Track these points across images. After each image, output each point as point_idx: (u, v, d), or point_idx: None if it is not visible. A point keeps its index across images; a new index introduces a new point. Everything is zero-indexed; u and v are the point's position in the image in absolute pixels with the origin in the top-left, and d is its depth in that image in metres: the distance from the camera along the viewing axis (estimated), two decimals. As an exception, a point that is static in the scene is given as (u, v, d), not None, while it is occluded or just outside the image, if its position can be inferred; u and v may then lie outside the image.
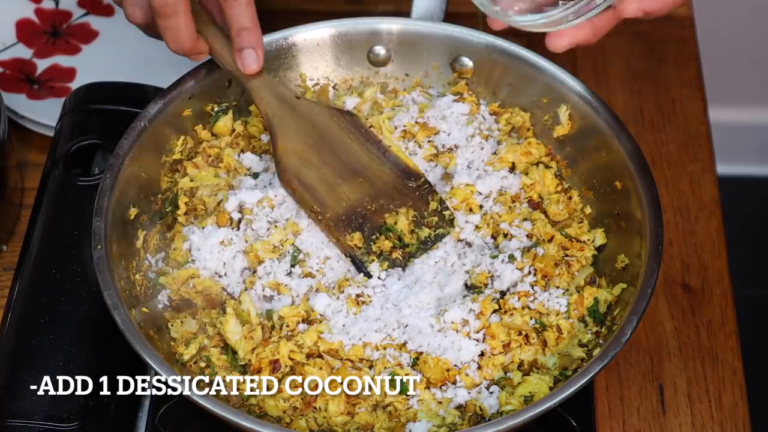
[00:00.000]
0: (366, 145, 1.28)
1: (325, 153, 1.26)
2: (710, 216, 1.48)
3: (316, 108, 1.28)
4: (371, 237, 1.25)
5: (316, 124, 1.27)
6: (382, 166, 1.28)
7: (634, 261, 1.22)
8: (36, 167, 1.50)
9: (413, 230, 1.26)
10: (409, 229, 1.26)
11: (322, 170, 1.26)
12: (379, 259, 1.24)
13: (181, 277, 1.24)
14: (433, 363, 1.18)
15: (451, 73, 1.38)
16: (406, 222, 1.26)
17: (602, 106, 1.29)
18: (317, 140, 1.27)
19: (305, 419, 1.17)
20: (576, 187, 1.32)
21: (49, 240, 1.33)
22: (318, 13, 1.62)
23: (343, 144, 1.27)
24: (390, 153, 1.29)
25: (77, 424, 1.21)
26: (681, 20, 1.68)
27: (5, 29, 1.63)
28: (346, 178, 1.26)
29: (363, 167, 1.27)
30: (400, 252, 1.25)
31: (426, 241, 1.26)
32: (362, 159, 1.27)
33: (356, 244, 1.24)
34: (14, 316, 1.29)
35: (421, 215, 1.27)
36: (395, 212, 1.26)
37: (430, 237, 1.26)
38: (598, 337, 1.21)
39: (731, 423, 1.32)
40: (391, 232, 1.25)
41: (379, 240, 1.25)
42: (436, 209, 1.27)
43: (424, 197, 1.28)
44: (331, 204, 1.25)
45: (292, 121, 1.26)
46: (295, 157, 1.25)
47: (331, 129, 1.27)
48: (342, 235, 1.25)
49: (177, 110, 1.31)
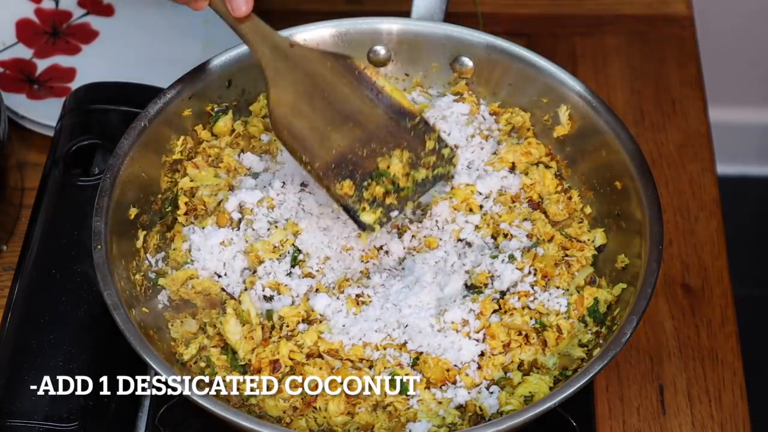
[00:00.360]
0: (359, 89, 1.25)
1: (316, 101, 1.24)
2: (710, 216, 1.48)
3: (310, 54, 1.25)
4: (362, 184, 1.22)
5: (309, 71, 1.25)
6: (374, 109, 1.24)
7: (634, 261, 1.22)
8: (36, 167, 1.50)
9: (408, 173, 1.23)
10: (404, 171, 1.23)
11: (312, 119, 1.23)
12: (371, 207, 1.22)
13: (179, 278, 1.24)
14: (433, 363, 1.18)
15: (451, 73, 1.38)
16: (400, 165, 1.23)
17: (602, 106, 1.29)
18: (309, 88, 1.24)
19: (305, 419, 1.17)
20: (576, 187, 1.32)
21: (49, 240, 1.33)
22: (318, 13, 1.62)
23: (336, 90, 1.24)
24: (383, 94, 1.25)
25: (77, 424, 1.21)
26: (681, 20, 1.68)
27: (5, 29, 1.63)
28: (337, 124, 1.23)
29: (355, 111, 1.24)
30: (394, 196, 1.23)
31: (424, 183, 1.24)
32: (354, 103, 1.24)
33: (347, 192, 1.22)
34: (14, 316, 1.29)
35: (417, 156, 1.24)
36: (389, 155, 1.23)
37: (428, 178, 1.24)
38: (598, 337, 1.21)
39: (731, 423, 1.32)
40: (384, 176, 1.22)
41: (371, 186, 1.22)
42: (433, 148, 1.25)
43: (420, 137, 1.25)
44: (321, 153, 1.22)
45: (285, 70, 1.24)
46: (286, 107, 1.23)
47: (324, 75, 1.25)
48: (332, 184, 1.22)
49: (177, 110, 1.31)
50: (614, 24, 1.68)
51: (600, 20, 1.68)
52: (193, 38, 1.62)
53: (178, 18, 1.64)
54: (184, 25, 1.64)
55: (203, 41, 1.61)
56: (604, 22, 1.68)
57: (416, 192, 1.23)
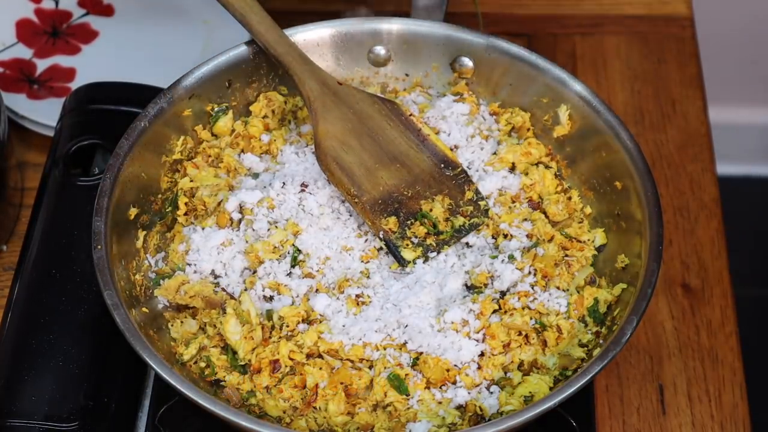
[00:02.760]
0: (405, 133, 1.29)
1: (364, 138, 1.28)
2: (710, 216, 1.48)
3: (358, 95, 1.30)
4: (406, 222, 1.26)
5: (357, 110, 1.29)
6: (420, 154, 1.28)
7: (634, 261, 1.22)
8: (36, 167, 1.50)
9: (448, 218, 1.27)
10: (444, 216, 1.26)
11: (361, 155, 1.27)
12: (413, 245, 1.25)
13: (172, 286, 1.24)
14: (433, 363, 1.18)
15: (451, 73, 1.38)
16: (441, 209, 1.26)
17: (602, 106, 1.29)
18: (357, 126, 1.28)
19: (305, 419, 1.17)
20: (576, 187, 1.32)
21: (49, 240, 1.33)
22: (318, 13, 1.62)
23: (383, 131, 1.29)
24: (429, 141, 1.29)
25: (77, 424, 1.21)
26: (681, 20, 1.68)
27: (5, 29, 1.63)
28: (385, 163, 1.27)
29: (401, 154, 1.28)
30: (434, 239, 1.26)
31: (460, 230, 1.27)
32: (401, 146, 1.28)
33: (391, 228, 1.25)
34: (14, 316, 1.29)
35: (457, 204, 1.27)
36: (431, 199, 1.27)
37: (465, 226, 1.27)
38: (598, 337, 1.21)
39: (731, 423, 1.32)
40: (426, 218, 1.26)
41: (414, 226, 1.26)
42: (471, 198, 1.28)
43: (461, 186, 1.28)
44: (369, 188, 1.26)
45: (334, 106, 1.28)
46: (334, 140, 1.27)
47: (372, 116, 1.29)
48: (377, 218, 1.25)
49: (177, 110, 1.31)
50: (614, 24, 1.68)
51: (600, 20, 1.68)
52: (193, 38, 1.62)
53: (178, 18, 1.64)
54: (184, 25, 1.64)
55: (203, 41, 1.61)
56: (604, 22, 1.68)
57: (453, 237, 1.26)
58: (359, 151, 1.27)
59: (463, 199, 1.28)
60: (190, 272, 1.25)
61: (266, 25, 1.29)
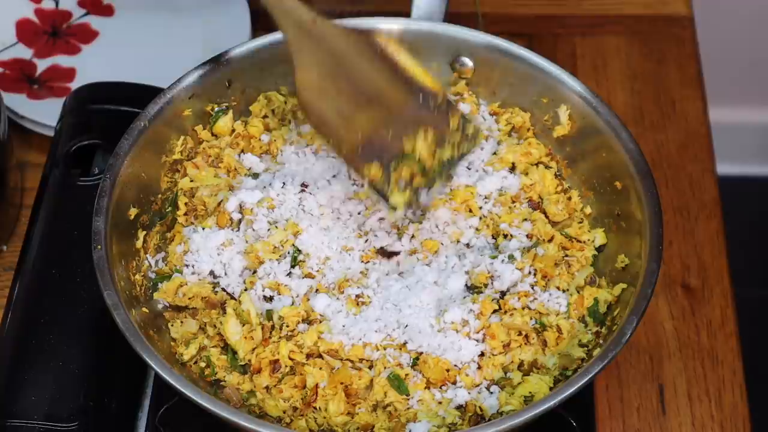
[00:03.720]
0: (380, 68, 1.24)
1: (340, 81, 1.23)
2: (710, 216, 1.48)
3: (333, 30, 1.24)
4: (389, 166, 1.22)
5: (332, 49, 1.23)
6: (396, 89, 1.24)
7: (634, 261, 1.22)
8: (36, 167, 1.50)
9: (434, 152, 1.23)
10: (429, 151, 1.23)
11: (337, 100, 1.23)
12: (400, 188, 1.22)
13: (170, 289, 1.24)
14: (433, 363, 1.18)
15: (451, 73, 1.38)
16: (425, 145, 1.23)
17: (602, 106, 1.29)
18: (333, 68, 1.23)
19: (305, 419, 1.17)
20: (576, 187, 1.32)
21: (49, 240, 1.33)
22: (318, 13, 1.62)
23: (358, 69, 1.24)
24: (404, 73, 1.24)
25: (77, 424, 1.21)
26: (681, 20, 1.68)
27: (5, 29, 1.63)
28: (361, 105, 1.23)
29: (378, 92, 1.23)
30: (421, 178, 1.23)
31: (450, 161, 1.24)
32: (377, 82, 1.23)
33: (375, 174, 1.22)
34: (14, 316, 1.29)
35: (442, 134, 1.24)
36: (413, 136, 1.23)
37: (454, 156, 1.24)
38: (598, 337, 1.21)
39: (731, 423, 1.32)
40: (410, 158, 1.22)
41: (399, 168, 1.23)
42: (457, 127, 1.24)
43: (444, 115, 1.24)
44: (348, 137, 1.23)
45: (309, 49, 1.23)
46: (312, 89, 1.23)
47: (347, 53, 1.24)
48: (360, 167, 1.22)
49: (177, 110, 1.31)
50: (614, 24, 1.68)
51: (600, 20, 1.69)
52: (193, 38, 1.62)
53: (178, 18, 1.64)
54: (184, 25, 1.64)
55: (203, 41, 1.61)
56: (604, 22, 1.68)
57: (443, 171, 1.23)
58: (335, 96, 1.22)
59: (448, 129, 1.24)
60: (187, 273, 1.25)
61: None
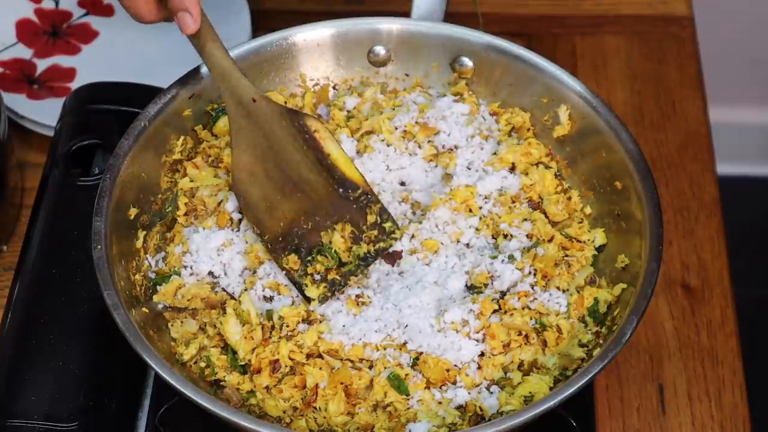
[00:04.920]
0: (307, 153, 1.24)
1: (270, 165, 1.24)
2: (710, 216, 1.48)
3: (268, 110, 1.24)
4: (307, 258, 1.23)
5: (267, 131, 1.24)
6: (319, 178, 1.24)
7: (634, 261, 1.22)
8: (36, 167, 1.50)
9: (350, 247, 1.24)
10: (346, 246, 1.24)
11: (265, 186, 1.24)
12: (315, 282, 1.23)
13: (169, 291, 1.24)
14: (433, 363, 1.18)
15: (451, 73, 1.38)
16: (341, 240, 1.24)
17: (602, 106, 1.29)
18: (265, 151, 1.24)
19: (305, 419, 1.17)
20: (576, 187, 1.32)
21: (49, 240, 1.33)
22: (318, 13, 1.62)
23: (287, 153, 1.24)
24: (328, 161, 1.24)
25: (77, 424, 1.21)
26: (681, 20, 1.68)
27: (5, 29, 1.63)
28: (286, 193, 1.24)
29: (302, 180, 1.24)
30: (336, 272, 1.23)
31: (366, 258, 1.24)
32: (302, 170, 1.24)
33: (292, 266, 1.23)
34: (14, 316, 1.29)
35: (359, 230, 1.24)
36: (331, 229, 1.24)
37: (370, 252, 1.24)
38: (598, 337, 1.21)
39: (731, 423, 1.32)
40: (326, 252, 1.23)
41: (316, 261, 1.23)
42: (375, 222, 1.25)
43: (362, 210, 1.25)
44: (271, 225, 1.24)
45: (247, 130, 1.23)
46: (244, 171, 1.23)
47: (279, 136, 1.24)
48: (279, 257, 1.23)
49: (177, 110, 1.30)
50: (614, 24, 1.68)
51: (600, 20, 1.68)
52: (193, 38, 1.62)
53: (178, 18, 1.64)
54: (184, 25, 1.63)
55: (203, 41, 1.61)
56: (604, 22, 1.68)
57: (358, 267, 1.24)
58: (264, 182, 1.23)
59: (366, 224, 1.24)
60: (186, 275, 1.25)
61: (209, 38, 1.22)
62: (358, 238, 1.24)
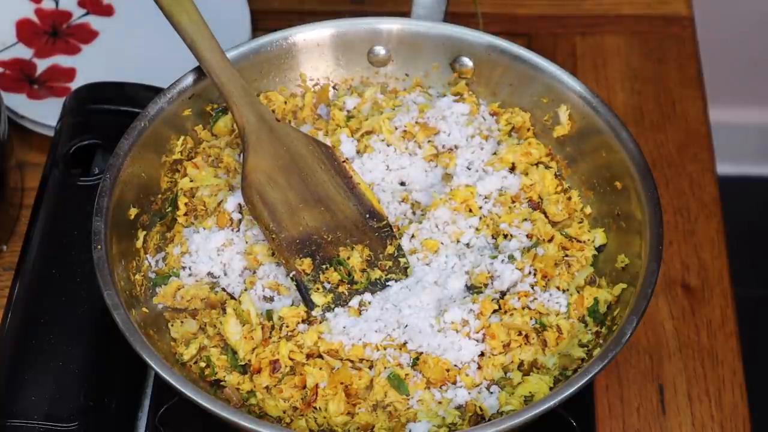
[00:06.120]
0: (335, 178, 1.27)
1: (293, 177, 1.25)
2: (710, 216, 1.48)
3: (294, 134, 1.27)
4: (321, 266, 1.24)
5: (291, 149, 1.26)
6: (347, 201, 1.26)
7: (634, 261, 1.22)
8: (36, 167, 1.50)
9: (365, 269, 1.25)
10: (361, 267, 1.24)
11: (286, 193, 1.25)
12: (324, 290, 1.23)
13: (169, 293, 1.24)
14: (433, 363, 1.18)
15: (451, 73, 1.38)
16: (359, 259, 1.24)
17: (602, 106, 1.29)
18: (288, 163, 1.26)
19: (305, 419, 1.17)
20: (576, 187, 1.32)
21: (49, 240, 1.33)
22: (318, 13, 1.62)
23: (313, 172, 1.26)
24: (358, 190, 1.27)
25: (77, 424, 1.21)
26: (681, 20, 1.68)
27: (5, 29, 1.63)
28: (309, 204, 1.25)
29: (328, 198, 1.26)
30: (346, 287, 1.24)
31: (375, 283, 1.25)
32: (329, 190, 1.26)
33: (305, 269, 1.23)
34: (14, 316, 1.29)
35: (376, 256, 1.25)
36: (351, 247, 1.25)
37: (380, 280, 1.25)
38: (598, 337, 1.21)
39: (731, 423, 1.32)
40: (342, 266, 1.24)
41: (328, 271, 1.24)
42: (392, 254, 1.26)
43: (383, 239, 1.26)
44: (288, 226, 1.24)
45: (268, 141, 1.25)
46: (262, 174, 1.25)
47: (305, 156, 1.26)
48: (292, 257, 1.23)
49: (177, 110, 1.31)
50: (614, 24, 1.68)
51: (600, 20, 1.69)
52: (193, 38, 1.62)
53: (178, 18, 1.64)
54: (184, 25, 1.63)
55: (203, 41, 1.61)
56: (604, 22, 1.68)
57: (366, 289, 1.24)
58: (285, 189, 1.25)
59: (383, 253, 1.26)
60: (184, 276, 1.25)
61: (213, 51, 1.25)
62: (373, 263, 1.25)
